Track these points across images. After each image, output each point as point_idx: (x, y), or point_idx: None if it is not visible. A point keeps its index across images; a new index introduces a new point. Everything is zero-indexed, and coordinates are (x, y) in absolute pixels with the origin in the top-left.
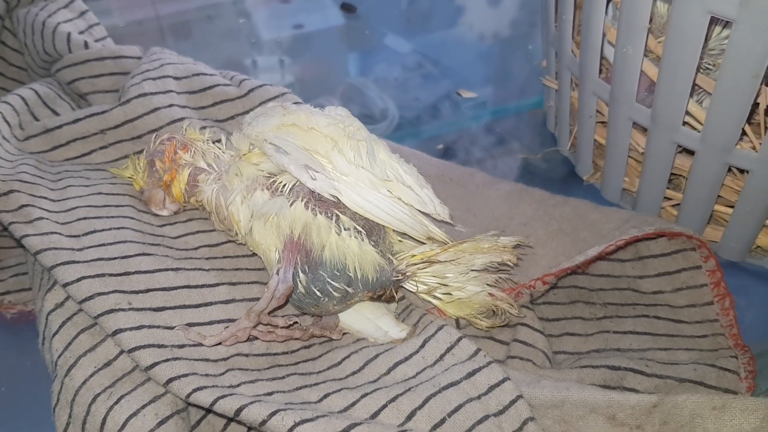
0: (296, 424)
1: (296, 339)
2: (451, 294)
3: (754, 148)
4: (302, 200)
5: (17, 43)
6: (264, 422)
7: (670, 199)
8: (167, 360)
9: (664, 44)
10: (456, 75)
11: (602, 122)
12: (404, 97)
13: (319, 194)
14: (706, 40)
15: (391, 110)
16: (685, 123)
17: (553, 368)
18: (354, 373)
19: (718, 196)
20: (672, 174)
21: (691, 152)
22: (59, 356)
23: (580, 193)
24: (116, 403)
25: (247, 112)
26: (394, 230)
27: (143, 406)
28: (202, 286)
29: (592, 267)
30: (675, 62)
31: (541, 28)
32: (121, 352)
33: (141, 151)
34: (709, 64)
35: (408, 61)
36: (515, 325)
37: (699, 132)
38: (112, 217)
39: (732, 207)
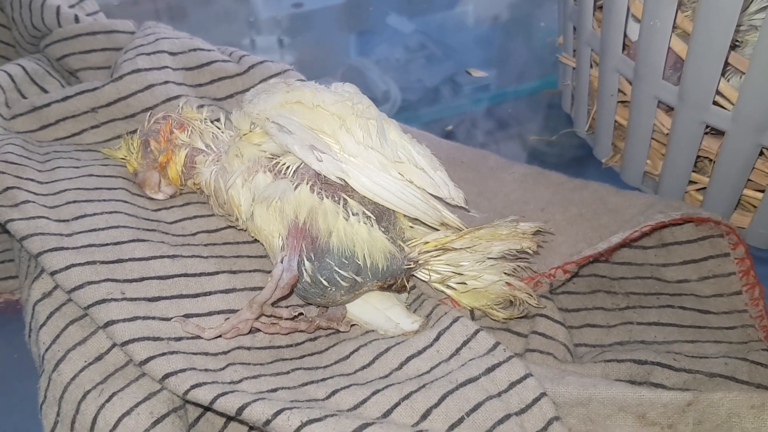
0: (303, 425)
1: (301, 331)
2: (466, 283)
3: None
4: (307, 183)
5: (4, 18)
6: (268, 422)
7: (695, 182)
8: (163, 354)
9: (695, 18)
10: (461, 55)
11: (623, 101)
12: (407, 79)
13: (325, 177)
14: None
15: (394, 92)
16: (714, 102)
17: (575, 362)
18: (363, 367)
19: (747, 179)
20: (697, 156)
21: (719, 133)
22: (47, 350)
23: (598, 176)
24: (108, 401)
25: (247, 90)
26: (405, 215)
27: (137, 404)
28: (201, 274)
29: (614, 254)
30: (706, 38)
31: (557, 2)
32: (114, 345)
33: (135, 131)
34: (737, 40)
35: (411, 42)
36: (534, 316)
37: (730, 111)
38: (104, 200)
39: (762, 191)
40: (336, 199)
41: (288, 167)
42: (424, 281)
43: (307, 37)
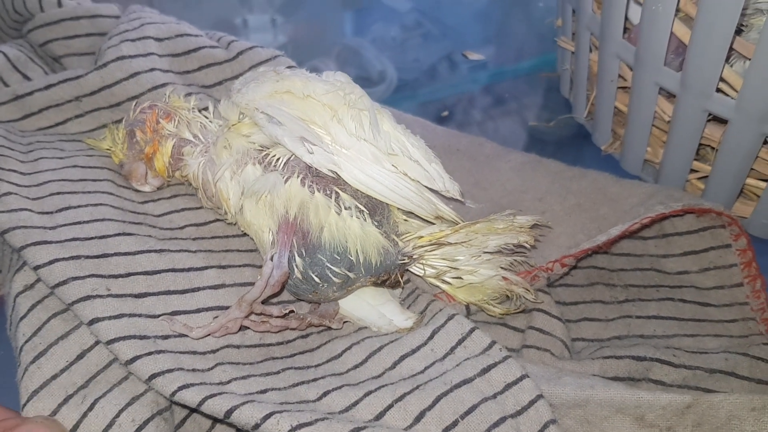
0: (293, 429)
1: (292, 329)
2: (461, 278)
3: None
4: (298, 176)
5: None
6: (257, 426)
7: (696, 171)
8: (150, 353)
9: (699, 1)
10: (458, 35)
11: (623, 87)
12: (403, 59)
13: (316, 169)
14: None
15: (390, 72)
16: (718, 90)
17: (573, 359)
18: (356, 366)
19: (750, 168)
20: (699, 144)
21: (722, 121)
22: (26, 341)
23: (596, 163)
24: (90, 409)
25: (236, 77)
26: (399, 209)
27: (118, 413)
28: (189, 269)
29: (613, 246)
30: (710, 22)
31: None
32: (97, 342)
33: (120, 121)
34: (742, 24)
35: (407, 20)
36: (531, 310)
37: (734, 99)
38: (89, 192)
39: (765, 181)
40: (328, 192)
41: (278, 159)
42: (418, 276)
43: (300, 16)
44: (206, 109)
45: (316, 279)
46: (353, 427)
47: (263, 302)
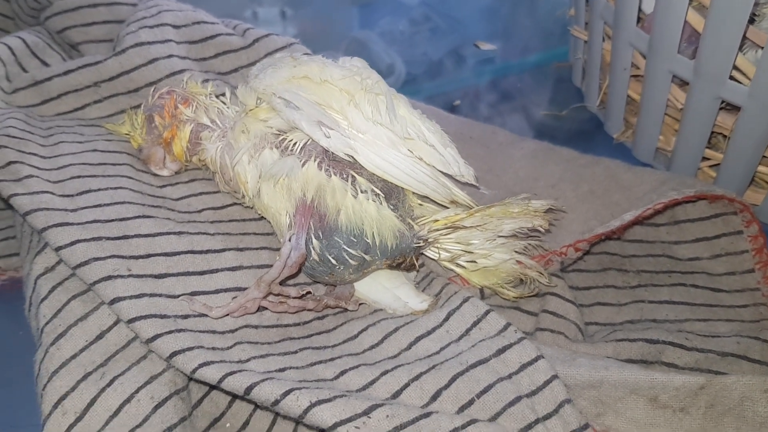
0: (312, 405)
1: (309, 310)
2: (476, 262)
3: None
4: (315, 160)
5: None
6: (277, 402)
7: (708, 159)
8: (170, 332)
9: None
10: (467, 27)
11: (636, 76)
12: (412, 52)
13: (333, 153)
14: None
15: (398, 66)
16: (731, 78)
17: (586, 342)
18: (372, 347)
19: (762, 156)
20: (711, 132)
21: (734, 108)
22: (47, 323)
23: (609, 152)
24: (108, 385)
25: (252, 64)
26: (414, 193)
27: (137, 390)
28: (207, 251)
29: (625, 232)
30: (724, 10)
31: None
32: (116, 322)
33: (138, 106)
34: (754, 13)
35: (415, 14)
36: (544, 294)
37: (747, 87)
38: (109, 176)
39: None
40: (344, 176)
41: (295, 144)
42: (433, 260)
43: (309, 10)
44: (223, 95)
45: (333, 261)
46: (371, 404)
47: (281, 283)
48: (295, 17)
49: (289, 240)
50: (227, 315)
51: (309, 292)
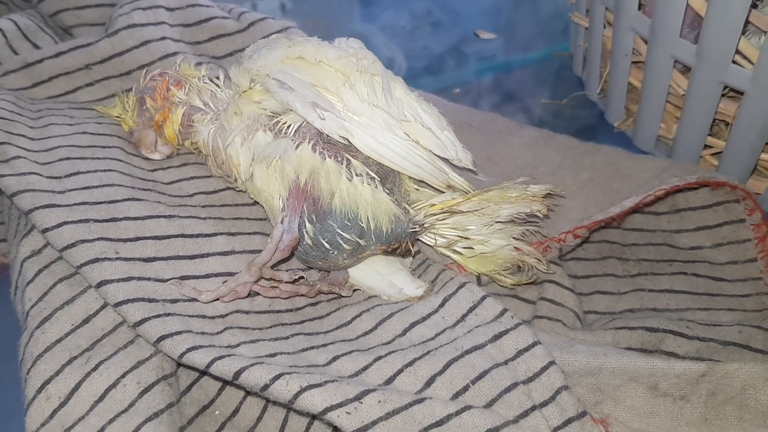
0: (302, 390)
1: (302, 295)
2: (472, 248)
3: None
4: (309, 142)
5: None
6: (266, 387)
7: (710, 147)
8: (158, 316)
9: None
10: (468, 22)
11: (637, 62)
12: (412, 46)
13: (327, 136)
14: None
15: (399, 60)
16: (733, 62)
17: (584, 330)
18: (366, 333)
19: (765, 143)
20: (713, 120)
21: (736, 95)
22: (32, 306)
23: (609, 141)
24: (94, 369)
25: None
26: (410, 177)
27: (123, 375)
28: (198, 235)
29: (625, 220)
30: None
31: None
32: (102, 307)
33: (130, 89)
34: None
35: (416, 8)
36: (542, 282)
37: (750, 71)
38: (98, 158)
39: None
40: (339, 159)
41: (289, 126)
42: (429, 246)
43: (309, 3)
44: (217, 77)
45: (327, 245)
46: (363, 389)
47: (273, 268)
48: (295, 10)
49: (281, 222)
50: (217, 299)
51: (302, 277)
